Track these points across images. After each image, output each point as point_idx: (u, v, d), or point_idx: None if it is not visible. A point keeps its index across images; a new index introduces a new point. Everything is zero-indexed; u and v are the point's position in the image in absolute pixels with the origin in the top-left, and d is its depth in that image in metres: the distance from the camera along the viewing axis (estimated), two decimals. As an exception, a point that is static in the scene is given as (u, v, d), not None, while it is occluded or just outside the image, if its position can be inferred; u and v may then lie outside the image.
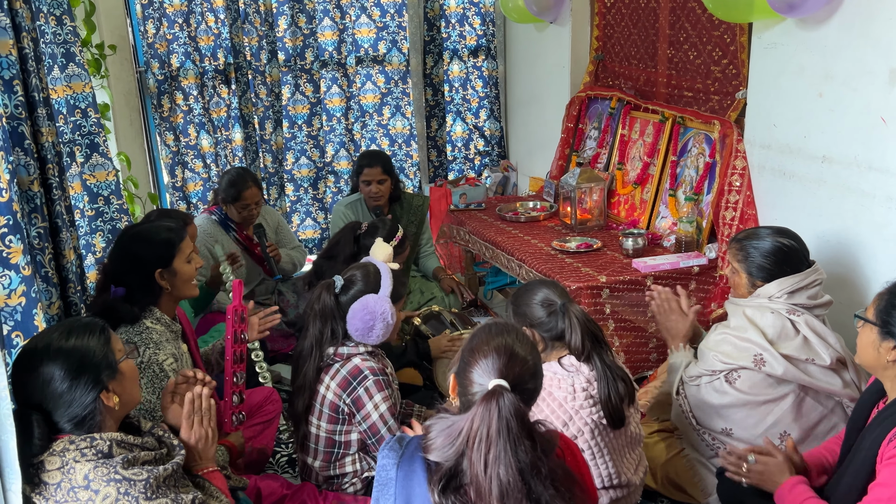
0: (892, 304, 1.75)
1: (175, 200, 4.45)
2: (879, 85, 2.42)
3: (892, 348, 1.73)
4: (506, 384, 1.42)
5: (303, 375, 2.38)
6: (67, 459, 1.59)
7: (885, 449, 1.70)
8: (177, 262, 2.29)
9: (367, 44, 4.74)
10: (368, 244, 3.16)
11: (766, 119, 2.93)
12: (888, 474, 1.67)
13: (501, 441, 1.36)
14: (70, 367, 1.63)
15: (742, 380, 2.30)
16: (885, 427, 1.73)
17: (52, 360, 1.64)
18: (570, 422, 2.04)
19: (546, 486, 1.38)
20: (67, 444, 1.61)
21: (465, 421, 1.40)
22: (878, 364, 1.79)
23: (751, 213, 3.00)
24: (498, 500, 1.36)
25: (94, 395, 1.65)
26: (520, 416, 1.39)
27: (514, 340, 1.50)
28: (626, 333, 3.09)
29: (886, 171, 2.44)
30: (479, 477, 1.37)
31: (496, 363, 1.45)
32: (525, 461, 1.37)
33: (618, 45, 4.03)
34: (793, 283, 2.30)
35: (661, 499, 2.56)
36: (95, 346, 1.69)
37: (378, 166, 3.75)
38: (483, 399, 1.39)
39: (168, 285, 2.27)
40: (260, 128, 4.57)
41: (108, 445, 1.63)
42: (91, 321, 1.76)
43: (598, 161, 4.03)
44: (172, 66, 4.30)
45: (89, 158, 2.65)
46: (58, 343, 1.66)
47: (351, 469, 2.42)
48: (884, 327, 1.75)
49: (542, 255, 3.38)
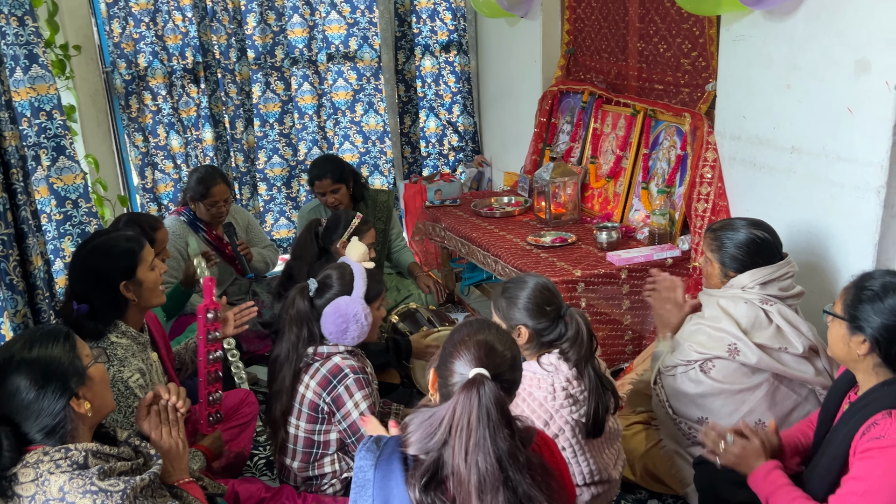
0: (858, 298, 1.75)
1: (146, 202, 4.39)
2: (845, 76, 2.45)
3: (862, 342, 1.74)
4: (486, 373, 1.43)
5: (280, 380, 2.36)
6: (42, 471, 1.56)
7: (859, 442, 1.71)
8: (140, 272, 2.23)
9: (338, 40, 4.70)
10: (330, 240, 3.17)
11: (736, 111, 2.95)
12: (861, 468, 1.68)
13: (482, 429, 1.37)
14: (35, 377, 1.60)
15: (717, 369, 2.33)
16: (858, 420, 1.74)
17: (16, 371, 1.60)
18: (551, 421, 2.05)
19: (523, 475, 1.39)
20: (41, 456, 1.58)
21: (447, 410, 1.41)
22: (850, 357, 1.80)
23: (722, 205, 3.03)
24: (476, 489, 1.37)
25: (64, 403, 1.61)
26: (500, 404, 1.40)
27: (494, 335, 1.53)
28: (601, 326, 3.11)
29: (854, 160, 2.47)
30: (459, 467, 1.38)
31: (477, 354, 1.47)
32: (504, 449, 1.38)
33: (588, 39, 4.04)
34: (765, 274, 2.33)
35: (640, 491, 2.58)
36: (60, 353, 1.65)
37: (327, 178, 3.68)
38: (464, 387, 1.41)
39: (134, 296, 2.22)
40: (231, 127, 4.52)
41: (83, 456, 1.60)
42: (54, 328, 1.72)
43: (572, 155, 4.04)
44: (140, 66, 4.23)
45: (56, 161, 2.60)
46: (21, 353, 1.62)
47: (330, 469, 2.41)
48: (852, 322, 1.76)
49: (518, 250, 3.39)
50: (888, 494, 1.61)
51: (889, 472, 1.62)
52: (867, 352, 1.74)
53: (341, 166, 3.77)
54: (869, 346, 1.73)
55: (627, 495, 2.56)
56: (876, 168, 2.39)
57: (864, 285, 1.76)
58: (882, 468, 1.63)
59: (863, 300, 1.74)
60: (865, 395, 1.78)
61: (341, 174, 3.72)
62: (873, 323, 1.72)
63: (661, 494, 2.55)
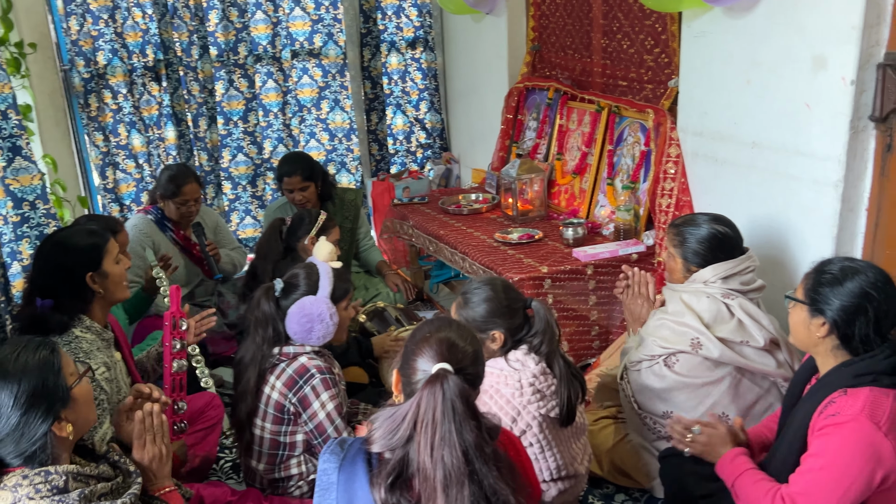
0: (818, 282, 1.81)
1: (107, 203, 4.31)
2: (804, 72, 2.49)
3: (822, 325, 1.79)
4: (449, 367, 1.43)
5: (245, 382, 2.34)
6: (20, 496, 1.50)
7: (816, 420, 1.77)
8: (106, 264, 2.24)
9: (302, 37, 4.65)
10: (296, 238, 3.14)
11: (698, 107, 2.98)
12: (819, 445, 1.73)
13: (447, 423, 1.37)
14: (17, 402, 1.52)
15: (680, 363, 2.35)
16: (816, 399, 1.80)
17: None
18: (519, 417, 2.05)
19: (490, 468, 1.39)
20: (20, 479, 1.52)
21: (410, 406, 1.40)
22: (810, 341, 1.85)
23: (686, 200, 3.06)
24: (441, 485, 1.36)
25: (46, 429, 1.54)
26: (464, 397, 1.40)
27: (455, 331, 1.53)
28: (568, 322, 3.13)
29: (812, 155, 2.51)
30: (425, 463, 1.37)
31: (439, 350, 1.47)
32: (470, 441, 1.38)
33: (553, 36, 4.05)
34: (726, 268, 2.35)
35: (607, 485, 2.60)
36: (46, 375, 1.56)
37: (297, 175, 3.64)
38: (427, 383, 1.40)
39: (100, 288, 2.21)
40: (194, 125, 4.45)
41: (63, 480, 1.54)
42: (39, 343, 1.62)
43: (538, 152, 4.06)
44: (99, 64, 4.15)
45: (11, 162, 2.55)
46: (2, 374, 1.53)
47: (296, 471, 2.39)
48: (813, 305, 1.81)
49: (485, 247, 3.39)
50: (843, 468, 1.67)
51: (843, 448, 1.67)
52: (826, 334, 1.80)
53: (311, 164, 3.74)
54: (828, 328, 1.79)
55: (595, 490, 2.58)
56: (833, 163, 2.43)
57: (824, 270, 1.82)
58: (837, 444, 1.69)
59: (823, 283, 1.80)
60: (824, 376, 1.83)
61: (311, 172, 3.69)
62: (832, 305, 1.77)
63: (627, 489, 2.57)
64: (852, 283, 1.76)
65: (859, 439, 1.66)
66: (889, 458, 1.65)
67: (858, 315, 1.75)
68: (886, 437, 1.66)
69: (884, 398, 1.70)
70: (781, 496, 1.74)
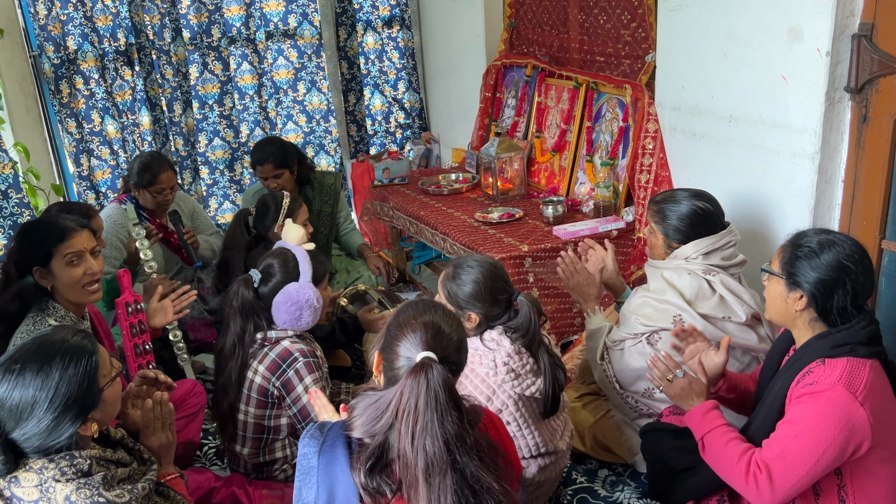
0: (795, 255, 1.81)
1: (83, 190, 4.25)
2: (779, 44, 2.48)
3: (799, 298, 1.80)
4: (434, 356, 1.41)
5: (227, 374, 2.32)
6: (46, 478, 1.51)
7: (794, 389, 1.78)
8: (55, 264, 2.18)
9: (277, 17, 4.58)
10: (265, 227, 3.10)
11: (675, 81, 2.97)
12: (795, 412, 1.74)
13: (429, 413, 1.36)
14: (52, 406, 1.51)
15: (663, 341, 2.35)
16: (794, 369, 1.81)
17: (31, 386, 1.50)
18: (494, 396, 2.05)
19: (471, 458, 1.38)
20: (46, 462, 1.53)
21: (394, 394, 1.39)
22: (787, 314, 1.85)
23: (664, 175, 3.06)
24: (423, 473, 1.35)
25: (74, 430, 1.55)
26: (448, 388, 1.38)
27: (441, 316, 1.50)
28: (550, 300, 3.13)
29: (789, 127, 2.51)
30: (405, 450, 1.37)
31: (423, 337, 1.44)
32: (451, 432, 1.37)
33: (530, 12, 4.01)
34: (707, 244, 2.36)
35: (590, 461, 2.62)
36: (84, 381, 1.55)
37: (269, 163, 3.54)
38: (411, 372, 1.39)
39: (49, 285, 2.18)
40: (168, 110, 4.39)
41: (87, 464, 1.55)
42: (80, 344, 1.59)
43: (517, 130, 4.04)
44: (69, 49, 4.07)
45: (-21, 152, 2.49)
46: (44, 374, 1.52)
47: (281, 455, 2.39)
48: (789, 278, 1.81)
49: (466, 227, 3.38)
50: (819, 436, 1.68)
51: (820, 416, 1.68)
52: (804, 307, 1.80)
53: (284, 149, 3.61)
54: (806, 301, 1.79)
55: (578, 466, 2.59)
56: (810, 135, 2.43)
57: (800, 243, 1.81)
58: (813, 411, 1.70)
59: (800, 257, 1.79)
60: (802, 347, 1.84)
61: (284, 158, 3.57)
62: (810, 278, 1.77)
63: (610, 464, 2.59)
64: (829, 255, 1.76)
65: (836, 408, 1.68)
66: (864, 427, 1.67)
67: (837, 288, 1.75)
68: (862, 406, 1.67)
69: (861, 368, 1.72)
70: (756, 462, 1.74)
